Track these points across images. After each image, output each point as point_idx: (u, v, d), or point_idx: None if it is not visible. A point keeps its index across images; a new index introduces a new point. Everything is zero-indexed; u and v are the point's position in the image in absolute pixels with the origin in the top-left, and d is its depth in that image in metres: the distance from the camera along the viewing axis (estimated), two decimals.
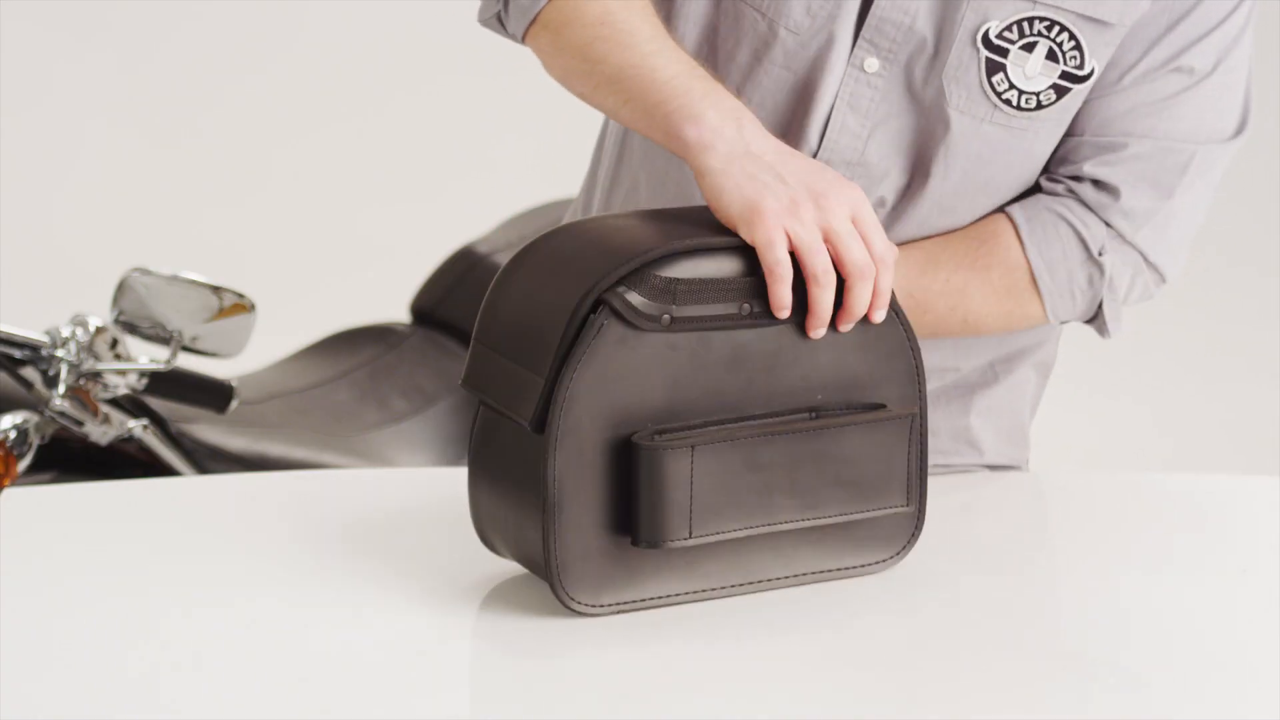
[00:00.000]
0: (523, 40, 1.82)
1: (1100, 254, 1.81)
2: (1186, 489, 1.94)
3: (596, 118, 1.94)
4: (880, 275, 1.56)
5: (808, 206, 1.56)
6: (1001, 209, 1.82)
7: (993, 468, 1.96)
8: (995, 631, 1.59)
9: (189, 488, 1.98)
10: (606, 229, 1.58)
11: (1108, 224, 1.81)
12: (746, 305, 1.54)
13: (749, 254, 1.55)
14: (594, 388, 1.51)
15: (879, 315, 1.56)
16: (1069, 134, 1.82)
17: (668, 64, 1.67)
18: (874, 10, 1.77)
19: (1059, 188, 1.82)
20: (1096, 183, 1.81)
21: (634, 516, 1.53)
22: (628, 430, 1.53)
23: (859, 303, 1.55)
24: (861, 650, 1.55)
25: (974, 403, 1.94)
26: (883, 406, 1.60)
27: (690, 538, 1.53)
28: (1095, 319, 1.85)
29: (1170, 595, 1.66)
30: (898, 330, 1.60)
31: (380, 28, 5.34)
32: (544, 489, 1.51)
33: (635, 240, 1.54)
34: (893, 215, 1.82)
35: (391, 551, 1.68)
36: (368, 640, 1.54)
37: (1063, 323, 1.87)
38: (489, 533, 1.61)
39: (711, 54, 1.82)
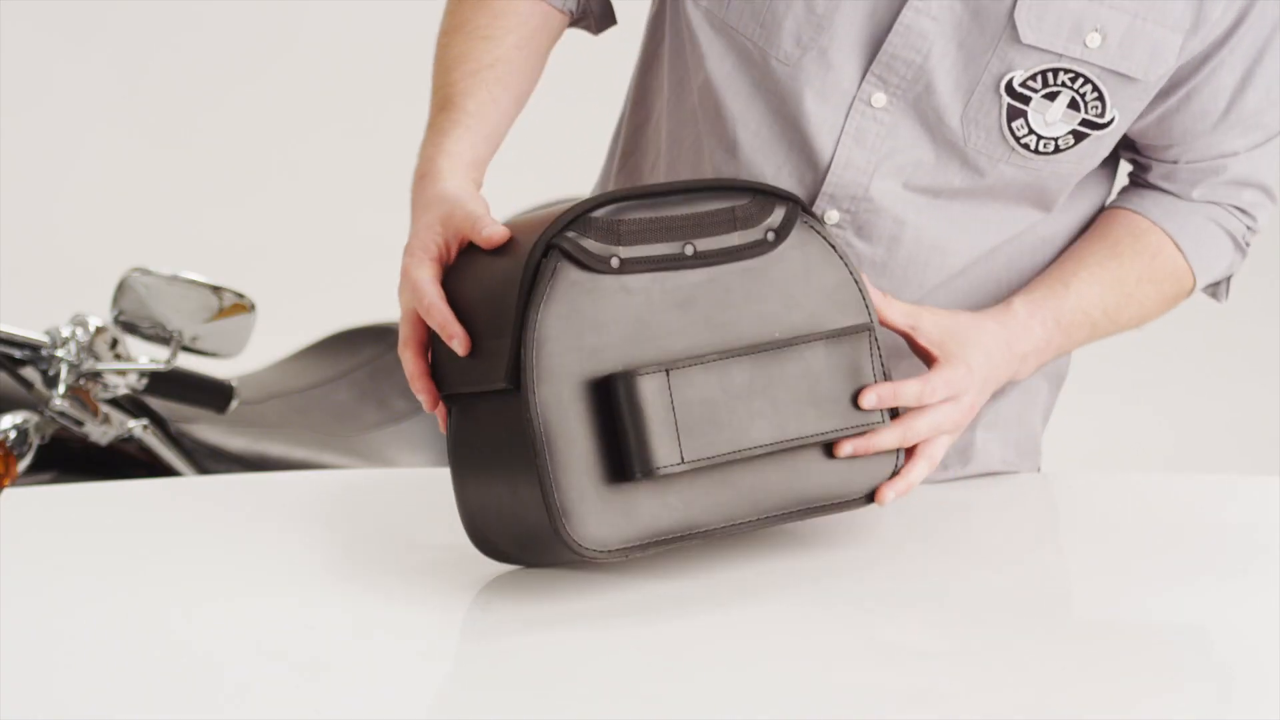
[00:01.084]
0: None
1: (1246, 244, 1.91)
2: (1187, 489, 1.94)
3: (595, 118, 1.95)
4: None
5: None
6: (1155, 224, 1.87)
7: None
8: (997, 630, 1.59)
9: (189, 488, 1.98)
10: (543, 209, 1.64)
11: (1245, 216, 1.90)
12: (690, 246, 1.59)
13: (688, 197, 1.61)
14: (561, 330, 1.55)
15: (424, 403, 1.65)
16: (1164, 159, 1.86)
17: (431, 111, 1.77)
18: (885, 48, 1.76)
19: (1205, 206, 1.88)
20: (1237, 187, 1.88)
21: (624, 450, 1.56)
22: (601, 371, 1.56)
23: None
24: (863, 648, 1.55)
25: (980, 417, 1.94)
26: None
27: (682, 462, 1.56)
28: (1215, 285, 1.95)
29: (1171, 595, 1.66)
30: (838, 263, 1.65)
31: (380, 28, 5.35)
32: (531, 433, 1.53)
33: (576, 201, 1.59)
34: (904, 245, 1.82)
35: (391, 551, 1.68)
36: (367, 640, 1.54)
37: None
38: (481, 525, 1.62)
39: (710, 81, 1.82)
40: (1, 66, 5.11)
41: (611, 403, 1.56)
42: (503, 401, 1.56)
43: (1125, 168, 1.93)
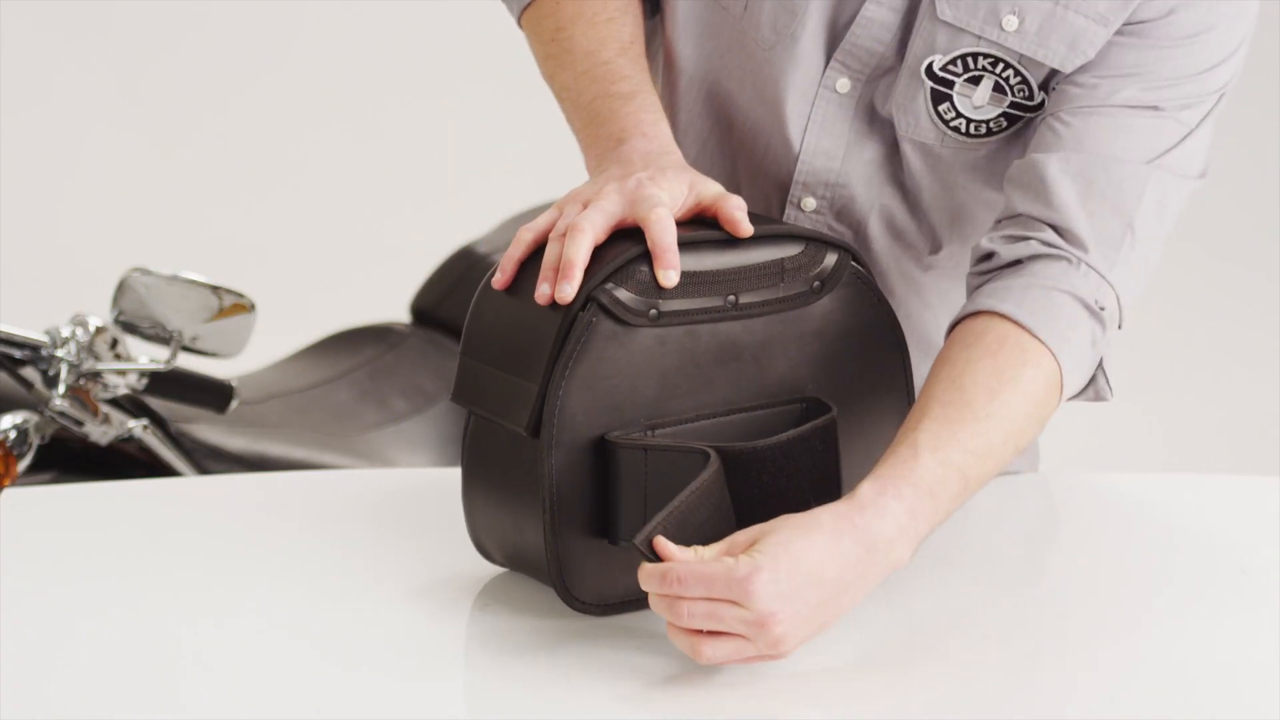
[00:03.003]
0: (521, 29, 1.86)
1: (1100, 307, 1.67)
2: (1186, 489, 1.94)
3: None
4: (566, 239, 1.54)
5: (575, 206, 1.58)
6: (986, 311, 1.64)
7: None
8: (995, 630, 1.59)
9: (189, 488, 1.98)
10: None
11: (1089, 265, 1.67)
12: (731, 297, 1.55)
13: (730, 247, 1.56)
14: (586, 386, 1.52)
15: (561, 290, 1.52)
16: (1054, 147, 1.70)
17: (588, 87, 1.72)
18: (848, 38, 1.76)
19: (1023, 249, 1.67)
20: (1059, 230, 1.68)
21: (608, 513, 1.54)
22: (621, 427, 1.53)
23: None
24: (862, 650, 1.55)
25: None
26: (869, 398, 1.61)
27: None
28: (1090, 385, 1.71)
29: (1170, 595, 1.66)
30: (880, 314, 1.62)
31: (381, 29, 5.35)
32: (543, 490, 1.52)
33: (616, 241, 1.55)
34: (904, 235, 1.82)
35: (391, 551, 1.68)
36: (366, 640, 1.54)
37: (1069, 399, 1.68)
38: (485, 540, 1.61)
39: (703, 65, 1.83)
40: (1, 67, 5.11)
41: (606, 463, 1.53)
42: (521, 442, 1.54)
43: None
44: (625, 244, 1.54)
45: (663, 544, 1.46)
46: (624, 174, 1.59)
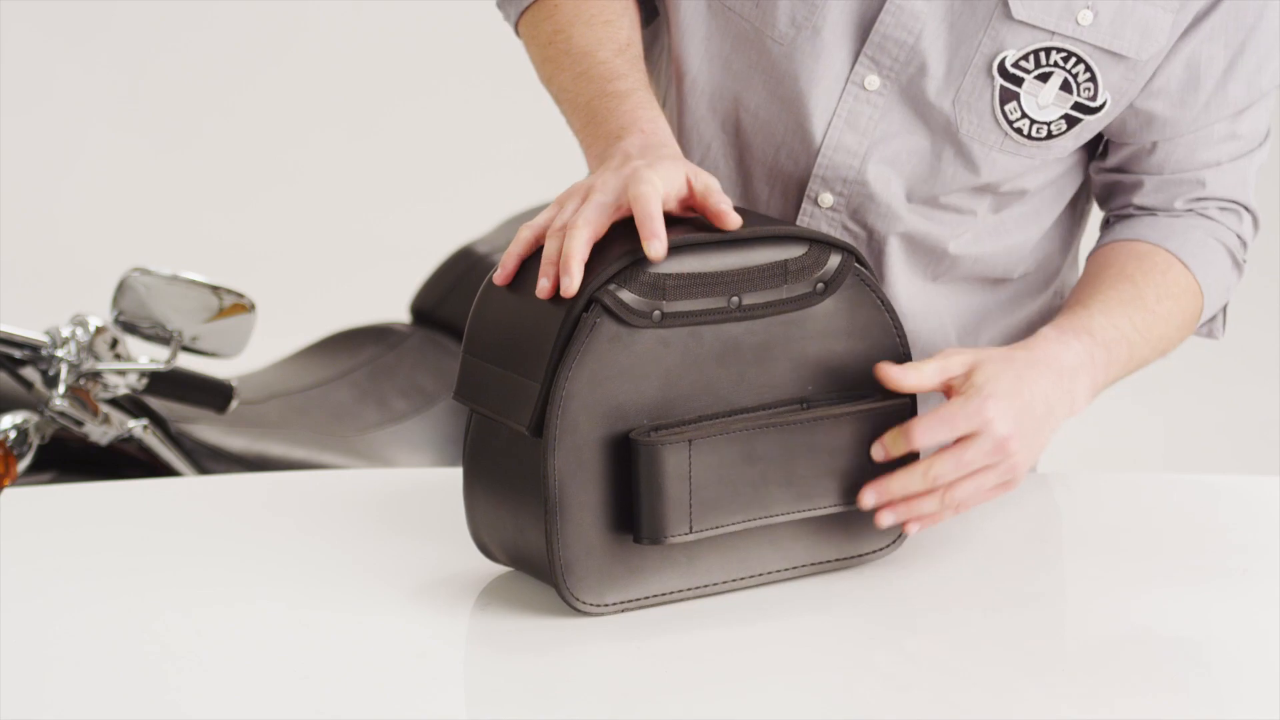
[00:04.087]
0: (518, 35, 1.86)
1: (1243, 260, 1.87)
2: (1186, 489, 1.94)
3: None
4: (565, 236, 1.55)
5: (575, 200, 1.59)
6: (1155, 245, 1.82)
7: None
8: (996, 630, 1.59)
9: (189, 488, 1.98)
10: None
11: (1232, 228, 1.86)
12: (735, 298, 1.55)
13: (734, 248, 1.56)
14: (589, 386, 1.52)
15: (564, 284, 1.52)
16: (1147, 169, 1.84)
17: (585, 87, 1.73)
18: (877, 28, 1.76)
19: (1182, 205, 1.84)
20: (1223, 206, 1.85)
21: (635, 513, 1.54)
22: (624, 428, 1.53)
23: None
24: (863, 650, 1.55)
25: None
26: (872, 395, 1.61)
27: (690, 533, 1.54)
28: (1209, 321, 1.89)
29: (1170, 595, 1.66)
30: (882, 316, 1.61)
31: (381, 29, 5.35)
32: (545, 490, 1.52)
33: (620, 240, 1.55)
34: (921, 241, 1.82)
35: (391, 551, 1.68)
36: (366, 640, 1.54)
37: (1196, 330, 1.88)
38: (486, 539, 1.61)
39: (708, 65, 1.82)
40: (2, 67, 5.11)
41: (630, 464, 1.53)
42: (523, 441, 1.54)
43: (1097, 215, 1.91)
44: (628, 244, 1.54)
45: (887, 368, 1.60)
46: (621, 164, 1.60)
